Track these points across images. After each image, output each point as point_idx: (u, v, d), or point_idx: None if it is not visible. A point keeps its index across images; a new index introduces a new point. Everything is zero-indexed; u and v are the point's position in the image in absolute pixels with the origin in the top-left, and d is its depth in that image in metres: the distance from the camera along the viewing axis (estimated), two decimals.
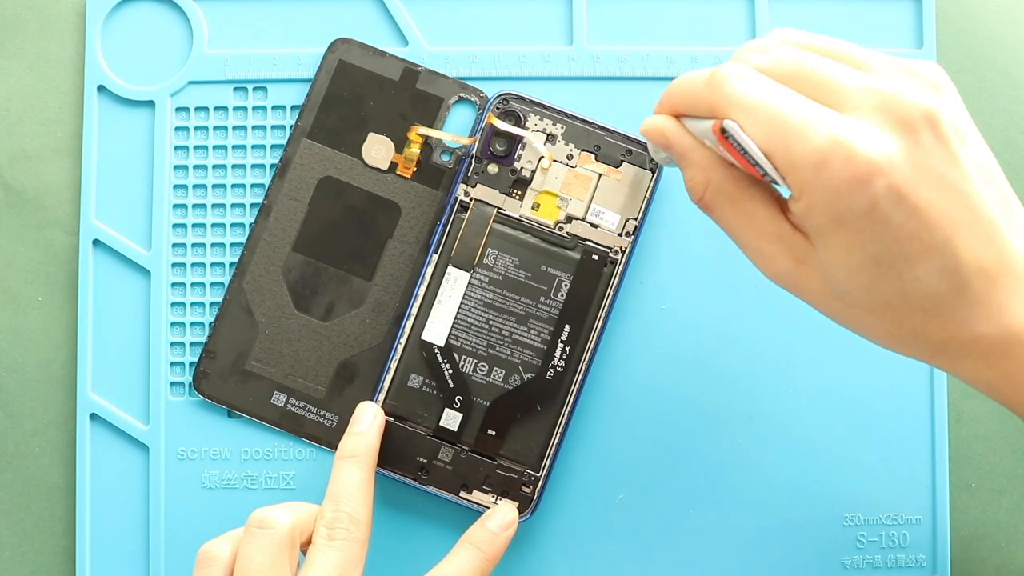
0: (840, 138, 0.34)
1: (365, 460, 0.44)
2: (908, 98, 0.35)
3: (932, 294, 0.35)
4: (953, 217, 0.34)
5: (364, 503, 0.42)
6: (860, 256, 0.34)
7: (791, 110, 0.34)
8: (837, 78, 0.35)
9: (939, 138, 0.34)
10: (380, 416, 0.46)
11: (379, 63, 0.49)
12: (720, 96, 0.35)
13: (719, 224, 0.38)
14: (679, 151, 0.38)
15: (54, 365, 0.50)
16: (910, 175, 0.34)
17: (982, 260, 0.34)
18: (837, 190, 0.34)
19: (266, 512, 0.41)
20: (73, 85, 0.50)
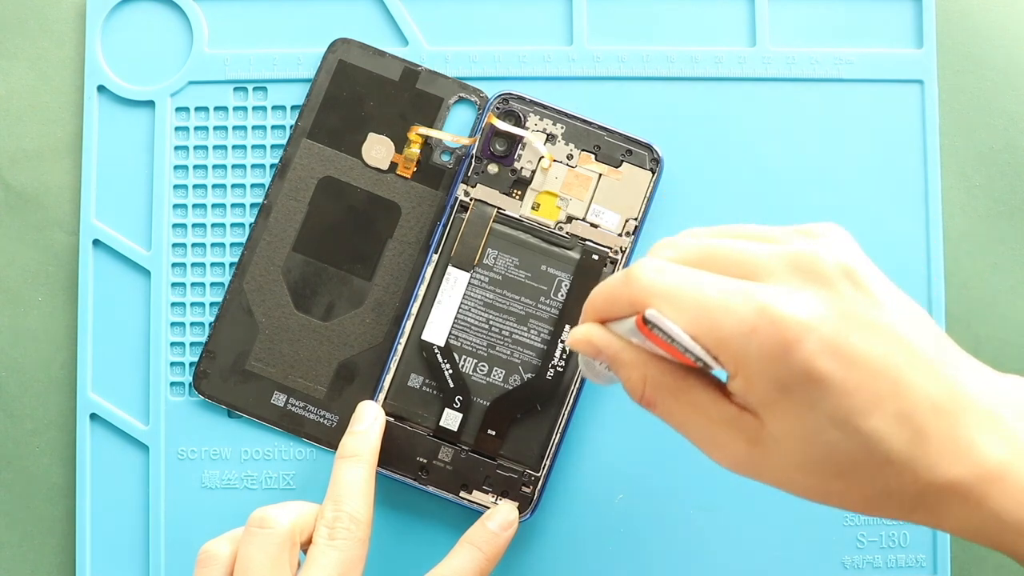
0: (763, 304, 0.33)
1: (366, 460, 0.44)
2: (819, 254, 0.34)
3: (895, 443, 0.33)
4: (894, 360, 0.33)
5: (365, 503, 0.42)
6: (812, 420, 0.33)
7: (708, 288, 0.34)
8: (746, 251, 0.35)
9: (858, 287, 0.34)
10: (381, 416, 0.46)
11: (379, 63, 0.49)
12: (638, 289, 0.35)
13: (665, 420, 0.37)
14: (609, 355, 0.37)
15: (54, 365, 0.50)
16: (840, 327, 0.33)
17: (934, 399, 0.33)
18: (771, 357, 0.33)
19: (266, 511, 0.41)
20: (73, 85, 0.50)
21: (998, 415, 0.34)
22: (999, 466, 0.33)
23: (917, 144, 0.49)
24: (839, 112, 0.49)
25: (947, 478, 0.33)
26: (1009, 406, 0.34)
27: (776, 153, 0.49)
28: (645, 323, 0.34)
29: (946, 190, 0.49)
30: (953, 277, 0.49)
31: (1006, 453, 0.34)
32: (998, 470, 0.33)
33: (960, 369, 0.34)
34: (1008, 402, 0.35)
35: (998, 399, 0.34)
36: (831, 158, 0.49)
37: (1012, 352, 0.49)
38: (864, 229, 0.49)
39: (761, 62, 0.49)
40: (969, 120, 0.50)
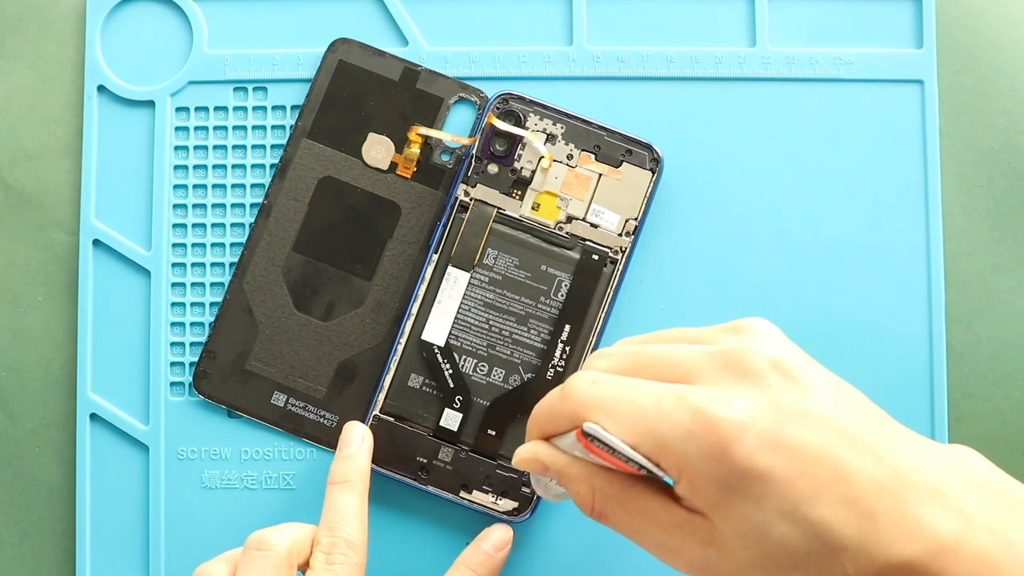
0: (697, 407, 0.33)
1: (358, 484, 0.44)
2: (746, 350, 0.35)
3: (845, 528, 0.33)
4: (832, 447, 0.33)
5: (359, 528, 0.43)
6: (760, 516, 0.33)
7: (642, 396, 0.35)
8: (677, 354, 0.36)
9: (789, 377, 0.34)
10: (368, 437, 0.46)
11: (379, 63, 0.49)
12: (574, 403, 0.35)
13: (619, 531, 0.37)
14: (556, 470, 0.38)
15: (54, 365, 0.50)
16: (774, 421, 0.33)
17: (876, 480, 0.33)
18: (711, 459, 0.33)
19: (264, 534, 0.41)
20: (73, 85, 0.50)
21: (942, 489, 0.34)
22: (950, 540, 0.33)
23: (917, 144, 0.49)
24: (839, 112, 0.49)
25: (901, 557, 0.33)
26: (952, 478, 0.34)
27: (776, 153, 0.49)
28: (585, 436, 0.34)
29: (946, 190, 0.49)
30: (953, 277, 0.49)
31: (955, 526, 0.33)
32: (950, 544, 0.33)
33: (899, 446, 0.35)
34: (950, 474, 0.34)
35: (941, 472, 0.34)
36: (831, 158, 0.49)
37: (1012, 352, 0.49)
38: (864, 229, 0.49)
39: (761, 62, 0.49)
40: (969, 120, 0.50)
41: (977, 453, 0.36)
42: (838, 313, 0.49)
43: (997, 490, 0.35)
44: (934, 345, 0.48)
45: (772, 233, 0.49)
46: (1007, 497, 0.35)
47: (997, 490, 0.35)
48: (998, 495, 0.35)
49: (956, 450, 0.36)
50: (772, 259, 0.49)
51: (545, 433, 0.38)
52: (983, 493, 0.34)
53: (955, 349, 0.49)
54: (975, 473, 0.35)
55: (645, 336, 0.39)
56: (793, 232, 0.49)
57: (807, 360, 0.36)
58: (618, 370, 0.36)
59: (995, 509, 0.34)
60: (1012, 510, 0.34)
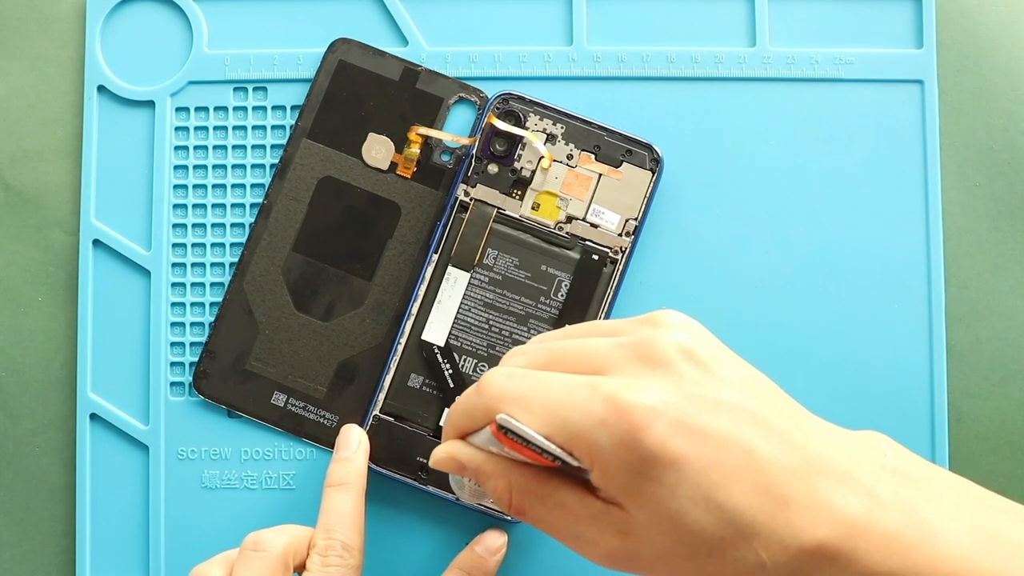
0: (608, 395, 0.34)
1: (354, 487, 0.44)
2: (657, 339, 0.35)
3: (758, 514, 0.34)
4: (743, 433, 0.34)
5: (356, 530, 0.43)
6: (674, 503, 0.34)
7: (556, 387, 0.35)
8: (588, 348, 0.36)
9: (700, 365, 0.35)
10: (364, 440, 0.46)
11: (379, 63, 0.49)
12: (489, 397, 0.36)
13: (537, 526, 0.38)
14: (473, 468, 0.38)
15: (54, 365, 0.50)
16: (687, 407, 0.34)
17: (787, 465, 0.34)
18: (624, 446, 0.33)
19: (260, 534, 0.41)
20: (73, 85, 0.50)
21: (852, 472, 0.35)
22: (860, 520, 0.34)
23: (917, 144, 0.49)
24: (839, 112, 0.49)
25: (814, 540, 0.34)
26: (861, 463, 0.35)
27: (776, 153, 0.49)
28: (499, 429, 0.35)
29: (946, 190, 0.49)
30: (953, 277, 0.49)
31: (865, 507, 0.34)
32: (860, 524, 0.34)
33: (810, 433, 0.35)
34: (860, 459, 0.35)
35: (850, 457, 0.35)
36: (831, 158, 0.49)
37: (1012, 352, 0.49)
38: (864, 229, 0.49)
39: (761, 62, 0.49)
40: (969, 120, 0.50)
41: (887, 438, 0.37)
42: (838, 313, 0.49)
43: (906, 472, 0.36)
44: (934, 345, 0.48)
45: (772, 233, 0.49)
46: (916, 478, 0.36)
47: (906, 472, 0.36)
48: (907, 477, 0.36)
49: (866, 436, 0.37)
50: (772, 259, 0.49)
51: (461, 431, 0.38)
52: (892, 476, 0.35)
53: (955, 349, 0.49)
54: (884, 457, 0.36)
55: (561, 331, 0.39)
56: (793, 232, 0.49)
57: (720, 349, 0.36)
58: (534, 366, 0.37)
59: (904, 490, 0.35)
60: (921, 491, 0.35)
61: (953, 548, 0.35)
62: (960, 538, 0.35)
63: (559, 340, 0.38)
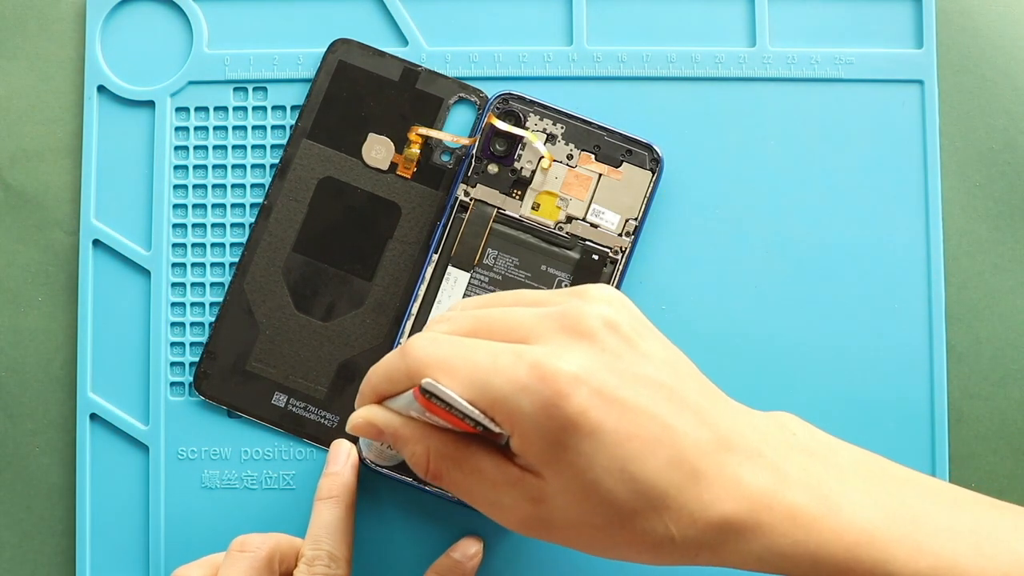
0: (532, 361, 0.34)
1: (343, 500, 0.45)
2: (582, 311, 0.36)
3: (669, 488, 0.35)
4: (662, 408, 0.35)
5: (343, 542, 0.43)
6: (590, 472, 0.35)
7: (480, 353, 0.35)
8: (514, 317, 0.37)
9: (624, 339, 0.36)
10: (354, 454, 0.47)
11: (379, 63, 0.49)
12: (413, 361, 0.36)
13: (452, 491, 0.38)
14: (390, 432, 0.38)
15: (54, 365, 0.50)
16: (608, 378, 0.35)
17: (700, 442, 0.35)
18: (544, 413, 0.34)
19: (247, 537, 0.42)
20: (73, 85, 0.50)
21: (761, 450, 0.36)
22: (766, 495, 0.35)
23: (917, 144, 0.49)
24: (839, 112, 0.49)
25: (721, 514, 0.35)
26: (771, 441, 0.37)
27: (776, 153, 0.49)
28: (422, 393, 0.35)
29: (946, 190, 0.49)
30: (953, 277, 0.49)
31: (771, 482, 0.36)
32: (765, 499, 0.35)
33: (724, 412, 0.37)
34: (770, 438, 0.37)
35: (760, 435, 0.37)
36: (831, 158, 0.49)
37: (1012, 352, 0.49)
38: (864, 229, 0.49)
39: (761, 62, 0.49)
40: (969, 120, 0.50)
41: (797, 418, 0.39)
42: (838, 313, 0.49)
43: (813, 451, 0.38)
44: (934, 345, 0.48)
45: (772, 233, 0.49)
46: (823, 456, 0.38)
47: (813, 451, 0.38)
48: (814, 455, 0.37)
49: (776, 416, 0.39)
50: (772, 259, 0.49)
51: (380, 394, 0.38)
52: (800, 453, 0.37)
53: (955, 349, 0.49)
54: (793, 436, 0.38)
55: (485, 298, 0.39)
56: (793, 232, 0.49)
57: (644, 325, 0.37)
58: (459, 332, 0.37)
59: (812, 466, 0.37)
60: (828, 467, 0.37)
61: (857, 519, 0.36)
62: (864, 510, 0.36)
63: (484, 308, 0.38)
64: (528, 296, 0.39)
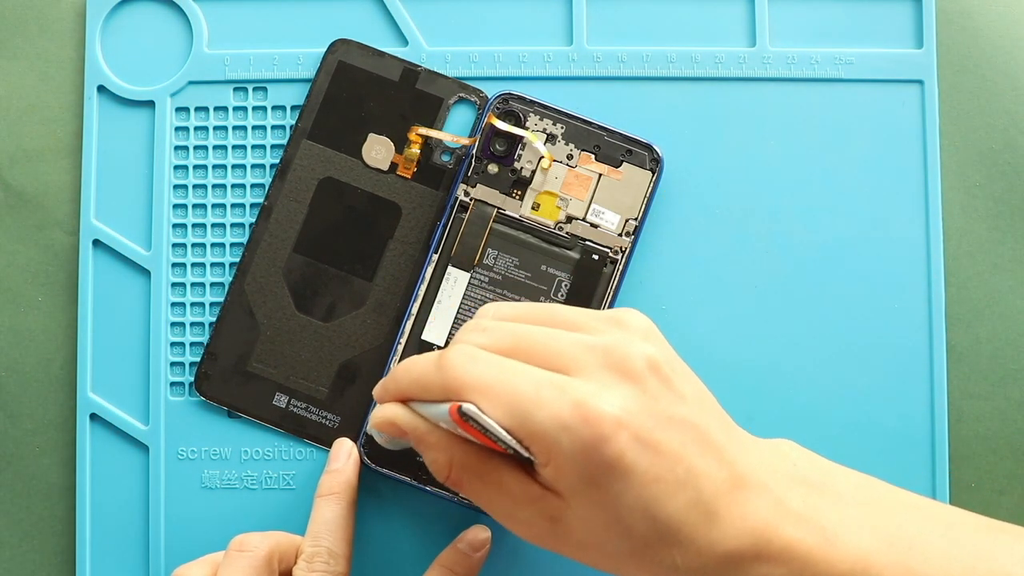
0: (577, 400, 0.34)
1: (343, 497, 0.45)
2: (627, 350, 0.36)
3: (684, 526, 0.35)
4: (689, 450, 0.36)
5: (343, 539, 0.43)
6: (615, 508, 0.35)
7: (523, 383, 0.35)
8: (556, 343, 0.36)
9: (663, 381, 0.36)
10: (355, 452, 0.47)
11: (379, 63, 0.49)
12: (452, 380, 0.36)
13: (471, 499, 0.38)
14: (416, 437, 0.38)
15: (54, 365, 0.50)
16: (647, 421, 0.35)
17: (717, 482, 0.36)
18: (583, 451, 0.34)
19: (246, 536, 0.42)
20: (73, 85, 0.50)
21: (767, 484, 0.37)
22: (767, 529, 0.36)
23: (917, 144, 0.49)
24: (839, 112, 0.49)
25: (725, 550, 0.36)
26: (774, 475, 0.38)
27: (776, 153, 0.49)
28: (460, 415, 0.34)
29: (946, 190, 0.49)
30: (953, 277, 0.49)
31: (772, 516, 0.36)
32: (766, 533, 0.36)
33: (738, 449, 0.37)
34: (773, 471, 0.38)
35: (767, 469, 0.38)
36: (831, 158, 0.49)
37: (1012, 352, 0.49)
38: (864, 229, 0.49)
39: (761, 62, 0.49)
40: (969, 120, 0.50)
41: (798, 446, 0.40)
42: (838, 313, 0.49)
43: (812, 481, 0.38)
44: (934, 345, 0.48)
45: (772, 233, 0.49)
46: (821, 484, 0.38)
47: (812, 481, 0.38)
48: (812, 485, 0.38)
49: (779, 445, 0.40)
50: (772, 259, 0.49)
51: (407, 397, 0.38)
52: (800, 485, 0.38)
53: (955, 349, 0.49)
54: (794, 467, 0.39)
55: (519, 311, 0.39)
56: (793, 232, 0.49)
57: (677, 362, 0.38)
58: (496, 349, 0.37)
59: (809, 498, 0.38)
60: (825, 496, 0.38)
61: (852, 548, 0.37)
62: (860, 538, 0.37)
63: (520, 323, 0.38)
64: (564, 315, 0.38)
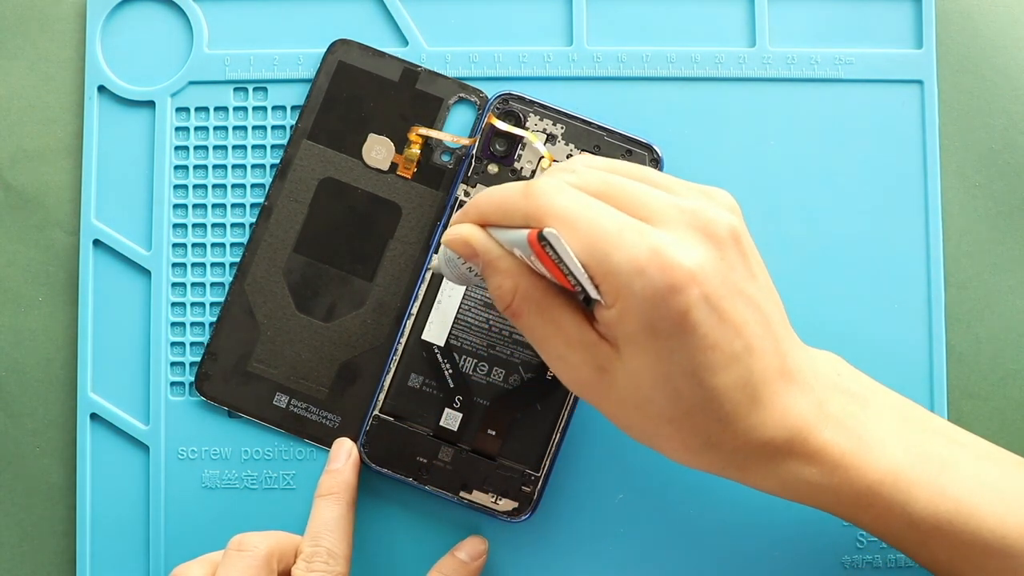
0: (657, 246, 0.34)
1: (343, 497, 0.45)
2: (713, 215, 0.36)
3: (729, 404, 0.36)
4: (751, 329, 0.36)
5: (342, 539, 0.44)
6: (667, 364, 0.35)
7: (607, 221, 0.35)
8: (645, 195, 0.36)
9: (741, 255, 0.36)
10: (354, 452, 0.47)
11: (379, 64, 0.49)
12: (537, 206, 0.36)
13: (524, 332, 0.38)
14: (486, 260, 0.38)
15: (55, 365, 0.50)
16: (719, 286, 0.35)
17: (768, 368, 0.36)
18: (653, 298, 0.34)
19: (245, 536, 0.42)
20: (73, 85, 0.50)
21: (812, 385, 0.38)
22: (804, 426, 0.37)
23: (917, 144, 0.49)
24: (839, 112, 0.49)
25: (762, 438, 0.37)
26: (819, 378, 0.39)
27: (776, 153, 0.49)
28: (539, 240, 0.34)
29: (946, 190, 0.49)
30: (953, 277, 0.49)
31: (811, 415, 0.37)
32: (803, 431, 0.37)
33: (792, 344, 0.38)
34: (819, 375, 0.39)
35: (812, 372, 0.39)
36: (831, 158, 0.49)
37: (1012, 352, 0.49)
38: (864, 229, 0.49)
39: (761, 62, 0.49)
40: (969, 120, 0.50)
41: (842, 360, 0.41)
42: (838, 313, 0.49)
43: (854, 392, 0.40)
44: (934, 345, 0.48)
45: (772, 233, 0.49)
46: (863, 397, 0.40)
47: (854, 392, 0.40)
48: (854, 396, 0.40)
49: (828, 356, 0.41)
50: (772, 259, 0.49)
51: (486, 220, 0.38)
52: (842, 393, 0.39)
53: (955, 349, 0.49)
54: (838, 376, 0.40)
55: (611, 162, 0.39)
56: (793, 232, 0.49)
57: (755, 249, 0.38)
58: (585, 189, 0.37)
59: (849, 407, 0.39)
60: (865, 410, 0.39)
61: (884, 459, 0.38)
62: (893, 451, 0.38)
63: (614, 175, 0.38)
64: (654, 176, 0.38)
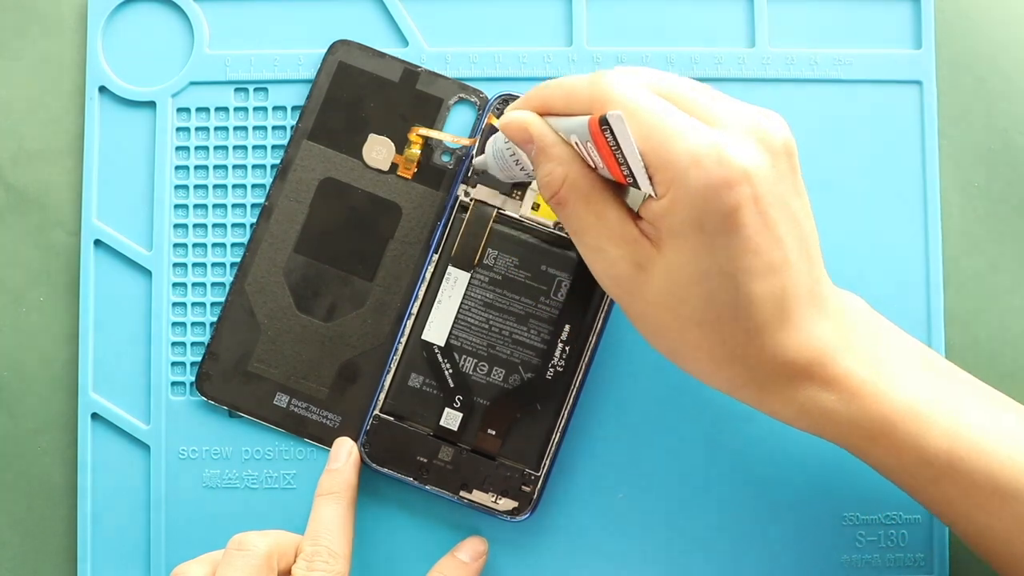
0: (715, 142, 0.35)
1: (343, 496, 0.45)
2: (771, 127, 0.37)
3: (760, 315, 0.36)
4: (791, 243, 0.36)
5: (342, 538, 0.44)
6: (708, 262, 0.36)
7: (670, 115, 0.36)
8: (706, 98, 0.37)
9: (792, 169, 0.37)
10: (355, 451, 0.47)
11: (379, 64, 0.49)
12: (603, 92, 0.36)
13: (566, 223, 0.39)
14: (541, 146, 0.38)
15: (55, 365, 0.50)
16: (769, 191, 0.36)
17: (801, 287, 0.37)
18: (705, 190, 0.35)
19: (245, 535, 0.42)
20: (74, 86, 0.50)
21: (837, 314, 0.39)
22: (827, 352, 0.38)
23: (916, 144, 0.49)
24: (839, 112, 0.49)
25: (785, 358, 0.37)
26: (847, 311, 0.40)
27: None
28: (601, 122, 0.35)
29: (945, 190, 0.50)
30: (952, 277, 0.49)
31: (836, 343, 0.38)
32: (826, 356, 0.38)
33: (822, 273, 0.39)
34: (846, 309, 0.40)
35: (840, 304, 0.39)
36: (831, 158, 0.49)
37: (1012, 352, 0.49)
38: (863, 229, 0.49)
39: (760, 63, 0.50)
40: (968, 120, 0.50)
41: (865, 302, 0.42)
42: None
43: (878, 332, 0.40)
44: (933, 345, 0.49)
45: None
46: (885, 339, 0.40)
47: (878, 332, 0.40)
48: (878, 334, 0.40)
49: (855, 297, 0.42)
50: None
51: (548, 106, 0.39)
52: (866, 328, 0.40)
53: (954, 349, 0.49)
54: (860, 312, 0.41)
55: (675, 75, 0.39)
56: None
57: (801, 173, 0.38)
58: (651, 88, 0.37)
59: (872, 344, 0.39)
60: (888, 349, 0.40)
61: (902, 392, 0.39)
62: (912, 386, 0.39)
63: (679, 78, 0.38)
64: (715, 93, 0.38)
